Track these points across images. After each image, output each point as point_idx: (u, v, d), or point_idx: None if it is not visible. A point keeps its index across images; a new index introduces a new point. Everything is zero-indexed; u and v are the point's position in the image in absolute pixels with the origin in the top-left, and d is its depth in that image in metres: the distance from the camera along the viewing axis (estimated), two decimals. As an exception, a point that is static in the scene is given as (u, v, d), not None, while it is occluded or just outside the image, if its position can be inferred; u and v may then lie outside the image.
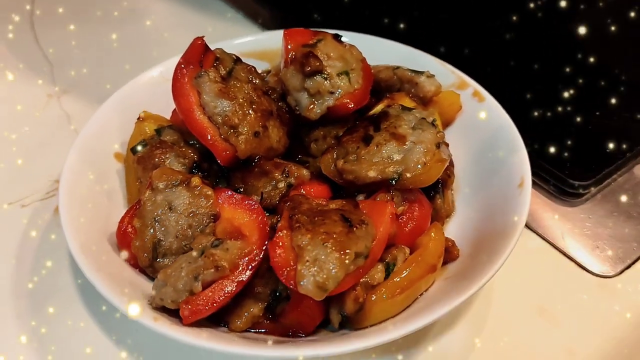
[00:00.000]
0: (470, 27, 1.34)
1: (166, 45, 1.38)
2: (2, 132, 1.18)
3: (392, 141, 0.86)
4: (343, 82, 0.94)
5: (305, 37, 0.98)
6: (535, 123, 1.11)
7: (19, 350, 0.85)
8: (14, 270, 0.94)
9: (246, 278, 0.75)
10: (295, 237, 0.73)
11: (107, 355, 0.84)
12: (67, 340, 0.86)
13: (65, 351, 0.85)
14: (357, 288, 0.76)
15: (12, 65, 1.33)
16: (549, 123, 1.12)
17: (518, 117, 0.97)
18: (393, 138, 0.87)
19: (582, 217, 1.01)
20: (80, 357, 0.84)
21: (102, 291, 0.75)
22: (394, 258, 0.80)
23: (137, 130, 0.98)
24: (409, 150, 0.85)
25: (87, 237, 0.85)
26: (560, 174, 1.03)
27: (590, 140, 1.09)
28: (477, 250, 0.86)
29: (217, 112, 0.90)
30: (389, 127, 0.89)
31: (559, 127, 1.11)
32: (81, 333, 0.86)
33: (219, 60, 0.93)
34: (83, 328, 0.87)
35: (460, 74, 1.06)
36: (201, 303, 0.73)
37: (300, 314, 0.77)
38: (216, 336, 0.72)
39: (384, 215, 0.80)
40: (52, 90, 1.27)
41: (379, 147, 0.86)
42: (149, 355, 0.83)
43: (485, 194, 0.94)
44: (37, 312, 0.89)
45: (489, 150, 0.97)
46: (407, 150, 0.85)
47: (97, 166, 0.96)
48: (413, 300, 0.80)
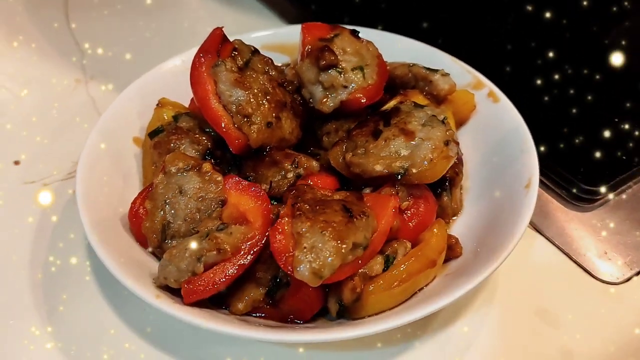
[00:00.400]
0: (490, 27, 1.34)
1: (194, 36, 1.40)
2: (29, 113, 1.22)
3: (400, 136, 0.88)
4: (357, 77, 0.96)
5: (322, 31, 0.99)
6: (551, 126, 1.10)
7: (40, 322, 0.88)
8: (32, 246, 0.97)
9: (247, 262, 0.77)
10: (295, 224, 0.74)
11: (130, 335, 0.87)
12: (85, 320, 0.88)
13: (87, 330, 0.87)
14: (355, 278, 0.77)
15: (44, 49, 1.38)
16: (566, 126, 1.11)
17: (534, 120, 0.98)
18: (402, 133, 0.88)
19: (593, 222, 1.00)
20: (103, 337, 0.87)
21: (109, 266, 0.78)
22: (395, 251, 0.81)
23: (155, 116, 1.01)
24: (417, 146, 0.86)
25: (100, 215, 0.88)
26: (573, 178, 1.03)
27: (607, 145, 1.08)
28: (480, 249, 0.86)
29: (231, 101, 0.92)
30: (398, 122, 0.90)
31: (576, 131, 1.10)
32: (98, 312, 0.89)
33: (237, 50, 0.96)
34: (100, 307, 0.89)
35: (477, 74, 1.06)
36: (202, 284, 0.76)
37: (299, 301, 0.79)
38: (215, 317, 0.74)
39: (387, 208, 0.81)
40: (80, 75, 1.31)
41: (387, 141, 0.87)
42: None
43: (492, 193, 0.94)
44: (54, 289, 0.92)
45: (500, 150, 0.98)
46: (415, 146, 0.86)
47: (115, 149, 0.99)
48: (412, 293, 0.81)
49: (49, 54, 1.37)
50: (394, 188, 0.86)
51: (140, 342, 0.85)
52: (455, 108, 1.02)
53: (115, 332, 0.86)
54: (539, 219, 1.00)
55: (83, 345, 0.85)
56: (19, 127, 1.19)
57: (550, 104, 1.14)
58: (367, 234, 0.76)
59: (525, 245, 0.97)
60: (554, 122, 1.11)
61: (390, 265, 0.80)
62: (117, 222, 0.90)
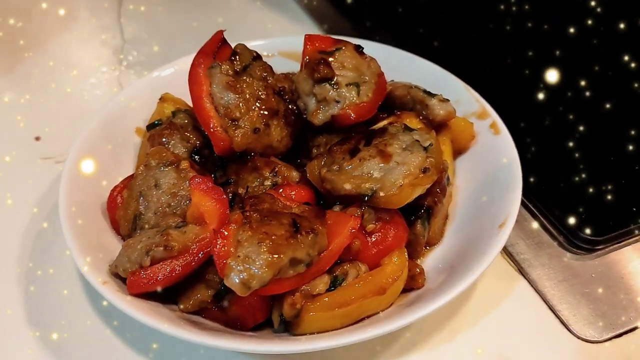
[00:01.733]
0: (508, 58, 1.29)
1: (233, 34, 1.43)
2: (60, 90, 1.30)
3: (376, 158, 0.86)
4: (351, 93, 0.95)
5: (325, 43, 0.99)
6: (557, 163, 1.05)
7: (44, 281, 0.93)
8: (36, 218, 1.03)
9: (194, 262, 0.78)
10: (238, 231, 0.75)
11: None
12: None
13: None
14: (296, 294, 0.77)
15: (87, 27, 1.45)
16: (572, 168, 1.05)
17: (540, 155, 0.93)
18: (379, 155, 0.86)
19: (584, 273, 0.94)
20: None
21: (71, 247, 0.82)
22: (345, 273, 0.80)
23: (157, 109, 1.05)
24: (390, 169, 0.85)
25: (82, 197, 0.92)
26: (570, 224, 0.97)
27: (614, 192, 1.01)
28: (444, 283, 0.83)
29: (222, 103, 0.93)
30: (379, 143, 0.88)
31: (582, 174, 1.04)
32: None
33: (238, 54, 0.97)
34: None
35: (484, 103, 1.03)
36: (145, 277, 0.77)
37: (242, 308, 0.79)
38: (149, 310, 0.76)
39: (344, 228, 0.80)
40: (116, 62, 1.37)
41: (361, 161, 0.86)
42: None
43: (470, 228, 0.91)
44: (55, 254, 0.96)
45: (489, 184, 0.94)
46: (388, 170, 0.85)
47: (116, 136, 1.03)
48: (357, 318, 0.79)
49: (91, 35, 1.44)
50: (361, 209, 0.84)
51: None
52: (453, 136, 0.99)
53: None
54: (527, 259, 0.95)
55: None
56: (47, 104, 1.26)
57: (559, 140, 1.09)
58: (312, 251, 0.76)
59: (504, 286, 0.93)
60: (561, 159, 1.06)
61: (337, 286, 0.79)
62: (99, 207, 0.94)
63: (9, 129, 1.21)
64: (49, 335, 0.87)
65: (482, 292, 0.92)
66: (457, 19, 1.39)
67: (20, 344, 0.86)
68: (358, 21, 1.43)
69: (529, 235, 0.99)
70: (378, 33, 1.36)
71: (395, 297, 0.83)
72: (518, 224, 1.01)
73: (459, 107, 1.04)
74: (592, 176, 1.04)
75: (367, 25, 1.41)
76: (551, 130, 1.12)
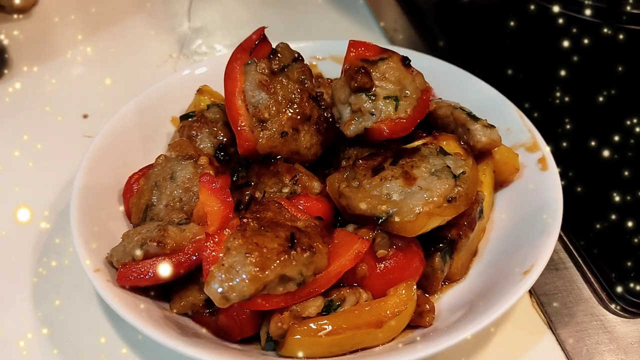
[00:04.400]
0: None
1: (305, 32, 1.41)
2: (118, 71, 1.31)
3: (399, 179, 0.80)
4: (388, 106, 0.89)
5: (370, 51, 0.93)
6: (609, 213, 0.94)
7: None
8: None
9: (186, 262, 0.75)
10: (229, 238, 0.70)
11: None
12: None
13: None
14: (284, 313, 0.71)
15: (158, 19, 1.47)
16: (627, 218, 0.93)
17: (590, 201, 0.84)
18: (402, 176, 0.80)
19: (622, 338, 0.83)
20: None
21: (72, 229, 0.80)
22: (342, 298, 0.74)
23: (194, 101, 1.03)
24: (412, 194, 0.78)
25: (103, 178, 0.91)
26: (615, 280, 0.86)
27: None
28: (453, 325, 0.76)
29: (252, 102, 0.90)
30: (406, 164, 0.82)
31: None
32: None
33: (278, 54, 0.93)
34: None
35: (536, 135, 0.94)
36: (134, 271, 0.75)
37: (229, 319, 0.75)
38: (132, 305, 0.73)
39: (348, 250, 0.74)
40: (177, 50, 1.37)
41: (382, 180, 0.80)
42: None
43: (495, 269, 0.82)
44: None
45: (524, 225, 0.85)
46: (410, 194, 0.78)
47: (150, 123, 1.02)
48: (349, 349, 0.73)
49: (160, 20, 1.45)
50: (373, 232, 0.78)
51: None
52: (496, 166, 0.91)
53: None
54: (559, 311, 0.86)
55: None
56: (100, 84, 1.28)
57: (617, 185, 0.97)
58: (306, 270, 0.70)
59: (528, 338, 0.84)
60: (616, 206, 0.94)
61: (331, 311, 0.73)
62: (116, 192, 0.92)
63: (62, 104, 1.23)
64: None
65: (502, 341, 0.84)
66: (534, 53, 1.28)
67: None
68: (431, 38, 1.36)
69: (567, 286, 0.89)
70: (450, 53, 1.28)
71: (396, 332, 0.76)
72: (558, 272, 0.91)
73: (508, 135, 0.96)
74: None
75: (439, 44, 1.33)
76: (610, 174, 1.00)
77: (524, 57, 1.22)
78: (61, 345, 0.83)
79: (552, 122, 1.04)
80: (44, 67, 1.32)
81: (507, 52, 1.26)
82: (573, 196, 0.92)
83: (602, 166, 1.00)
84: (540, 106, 1.05)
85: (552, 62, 1.14)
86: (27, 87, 1.27)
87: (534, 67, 1.20)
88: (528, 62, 1.20)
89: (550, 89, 1.13)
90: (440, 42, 1.33)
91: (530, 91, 1.10)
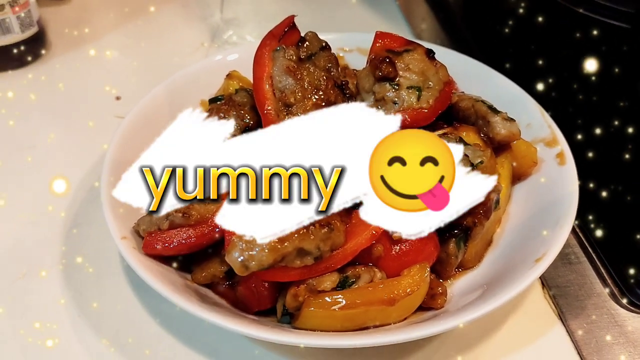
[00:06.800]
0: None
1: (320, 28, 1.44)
2: (149, 56, 1.36)
3: (418, 165, 0.82)
4: (410, 96, 0.91)
5: (396, 42, 0.96)
6: (627, 207, 0.95)
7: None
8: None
9: (209, 234, 0.78)
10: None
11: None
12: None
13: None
14: (301, 286, 0.74)
15: (192, 7, 1.51)
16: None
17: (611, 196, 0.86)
18: (421, 163, 0.82)
19: (632, 333, 0.85)
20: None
21: (103, 200, 0.84)
22: (357, 275, 0.77)
23: (223, 85, 1.06)
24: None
25: (132, 155, 0.94)
26: (629, 275, 0.88)
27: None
28: (460, 308, 0.78)
29: (279, 87, 0.93)
30: (424, 152, 0.84)
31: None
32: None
33: (306, 41, 0.96)
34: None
35: (555, 130, 0.95)
36: (159, 240, 0.78)
37: (247, 290, 0.78)
38: (155, 271, 0.76)
39: (365, 230, 0.77)
40: (207, 40, 1.41)
41: (401, 166, 0.82)
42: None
43: (509, 258, 0.84)
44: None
45: (540, 216, 0.87)
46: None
47: (178, 105, 1.04)
48: (361, 325, 0.76)
49: (193, 9, 1.50)
50: (391, 216, 0.80)
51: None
52: (515, 159, 0.93)
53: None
54: (570, 304, 0.87)
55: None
56: (133, 68, 1.32)
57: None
58: (323, 245, 0.73)
59: (538, 328, 0.85)
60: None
61: (346, 287, 0.76)
62: (144, 168, 0.96)
63: (95, 87, 1.28)
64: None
65: (513, 329, 0.85)
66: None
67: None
68: (458, 36, 1.38)
69: (579, 279, 0.91)
70: (477, 52, 1.30)
71: (408, 312, 0.78)
72: (571, 266, 0.93)
73: (529, 131, 0.97)
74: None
75: (467, 43, 1.35)
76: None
77: (550, 54, 1.23)
78: (85, 310, 0.87)
79: (574, 119, 1.05)
80: (80, 50, 1.37)
81: (534, 50, 1.27)
82: (589, 192, 0.93)
83: (621, 165, 1.01)
84: (562, 103, 1.06)
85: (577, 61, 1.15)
86: (63, 69, 1.32)
87: (559, 65, 1.21)
88: (553, 60, 1.22)
89: (574, 87, 1.14)
90: (468, 42, 1.35)
91: (554, 88, 1.11)
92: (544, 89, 1.06)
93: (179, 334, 0.83)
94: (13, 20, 1.24)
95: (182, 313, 0.80)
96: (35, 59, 1.32)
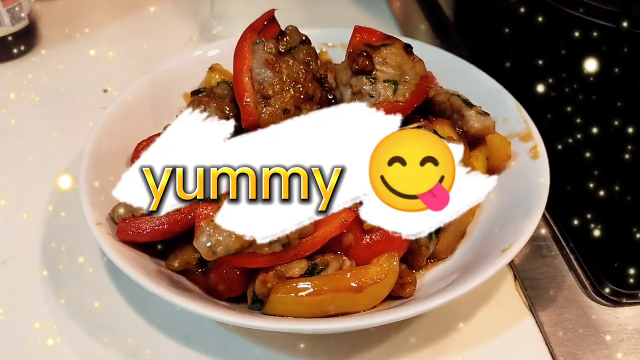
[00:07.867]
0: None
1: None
2: (138, 49, 1.37)
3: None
4: (387, 90, 0.92)
5: (374, 36, 0.97)
6: (602, 204, 0.96)
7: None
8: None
9: (181, 221, 0.79)
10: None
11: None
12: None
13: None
14: (269, 272, 0.76)
15: (178, 8, 1.53)
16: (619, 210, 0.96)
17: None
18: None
19: (601, 326, 0.85)
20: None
21: (80, 186, 0.86)
22: (325, 263, 0.78)
23: (205, 78, 1.08)
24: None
25: (113, 145, 0.96)
26: (600, 269, 0.89)
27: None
28: (428, 297, 0.79)
29: (258, 79, 0.94)
30: (398, 143, 0.85)
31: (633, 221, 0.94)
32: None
33: (286, 35, 0.98)
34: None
35: (531, 125, 0.96)
36: (133, 226, 0.80)
37: (219, 276, 0.80)
38: (128, 257, 0.78)
39: (335, 218, 0.78)
40: (196, 35, 1.42)
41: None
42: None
43: (479, 249, 0.85)
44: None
45: (511, 208, 0.88)
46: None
47: (161, 96, 1.07)
48: (329, 312, 0.77)
49: (180, 7, 1.51)
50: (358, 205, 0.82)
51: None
52: (489, 153, 0.94)
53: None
54: (540, 296, 0.88)
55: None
56: (120, 62, 1.34)
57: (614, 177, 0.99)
58: (292, 232, 0.74)
59: (508, 319, 0.87)
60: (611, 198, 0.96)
61: (314, 274, 0.77)
62: (124, 158, 0.97)
63: (84, 79, 1.30)
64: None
65: (481, 319, 0.86)
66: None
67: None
68: (449, 39, 1.39)
69: (551, 272, 0.92)
70: (466, 51, 1.31)
71: (376, 300, 0.79)
72: (544, 259, 0.94)
73: (505, 125, 0.99)
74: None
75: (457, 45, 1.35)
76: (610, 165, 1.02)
77: (539, 55, 1.24)
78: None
79: (550, 115, 1.06)
80: (71, 44, 1.39)
81: (520, 49, 1.28)
82: (562, 187, 0.94)
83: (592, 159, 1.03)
84: (552, 103, 1.07)
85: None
86: (53, 61, 1.34)
87: (553, 65, 1.22)
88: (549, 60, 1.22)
89: (564, 88, 1.15)
90: (458, 44, 1.36)
91: (550, 89, 1.12)
92: (534, 89, 1.07)
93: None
94: (3, 13, 1.26)
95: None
96: (26, 52, 1.34)
